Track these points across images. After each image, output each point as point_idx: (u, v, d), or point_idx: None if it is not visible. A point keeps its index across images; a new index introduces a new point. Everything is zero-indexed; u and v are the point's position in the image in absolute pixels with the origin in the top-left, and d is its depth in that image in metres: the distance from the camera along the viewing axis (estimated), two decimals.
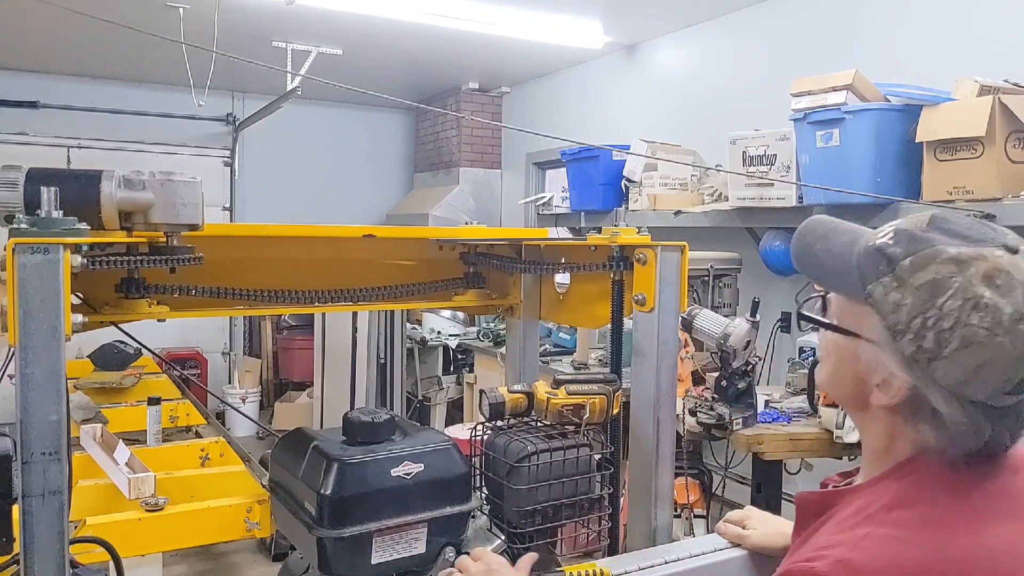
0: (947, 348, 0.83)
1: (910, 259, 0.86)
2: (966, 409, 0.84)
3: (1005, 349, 0.81)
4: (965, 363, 0.82)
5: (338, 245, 2.16)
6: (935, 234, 0.87)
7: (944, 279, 0.83)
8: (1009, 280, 0.82)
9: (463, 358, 5.78)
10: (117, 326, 1.78)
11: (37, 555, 1.19)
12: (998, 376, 0.82)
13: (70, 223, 1.25)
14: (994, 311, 0.81)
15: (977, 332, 0.81)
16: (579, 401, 1.72)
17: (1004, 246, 0.84)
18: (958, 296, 0.82)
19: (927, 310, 0.84)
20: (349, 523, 1.46)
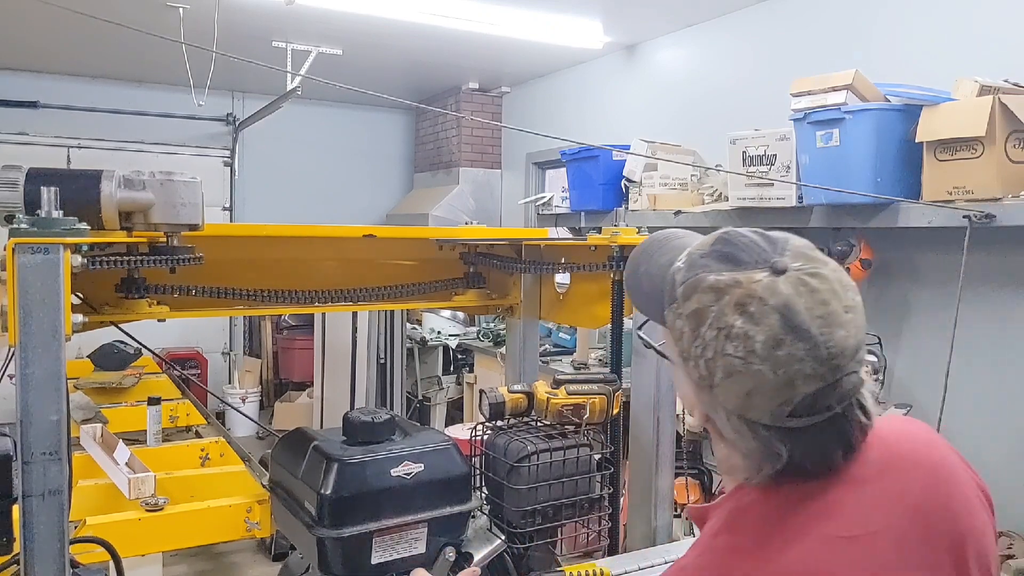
0: (716, 376, 0.82)
1: (682, 287, 0.86)
2: (756, 432, 0.83)
3: (766, 376, 0.79)
4: (734, 390, 0.81)
5: (338, 245, 2.17)
6: (708, 260, 0.85)
7: (704, 308, 0.83)
8: (762, 307, 0.80)
9: (463, 358, 5.78)
10: (117, 326, 1.79)
11: (37, 555, 1.19)
12: (769, 402, 0.80)
13: (70, 223, 1.25)
14: (745, 340, 0.79)
15: (733, 362, 0.80)
16: (579, 401, 1.72)
17: (771, 267, 0.82)
18: (713, 326, 0.81)
19: (695, 339, 0.83)
20: (349, 523, 1.46)
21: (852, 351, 0.81)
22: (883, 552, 0.82)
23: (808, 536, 0.82)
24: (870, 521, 0.83)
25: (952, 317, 2.84)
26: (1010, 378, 3.06)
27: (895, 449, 0.90)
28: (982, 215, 2.69)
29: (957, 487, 0.91)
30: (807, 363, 0.79)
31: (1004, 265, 3.06)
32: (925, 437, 0.96)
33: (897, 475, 0.87)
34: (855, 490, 0.85)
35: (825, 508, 0.84)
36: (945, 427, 2.85)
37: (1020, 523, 2.86)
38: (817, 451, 0.83)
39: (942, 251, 3.22)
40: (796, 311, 0.79)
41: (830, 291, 0.81)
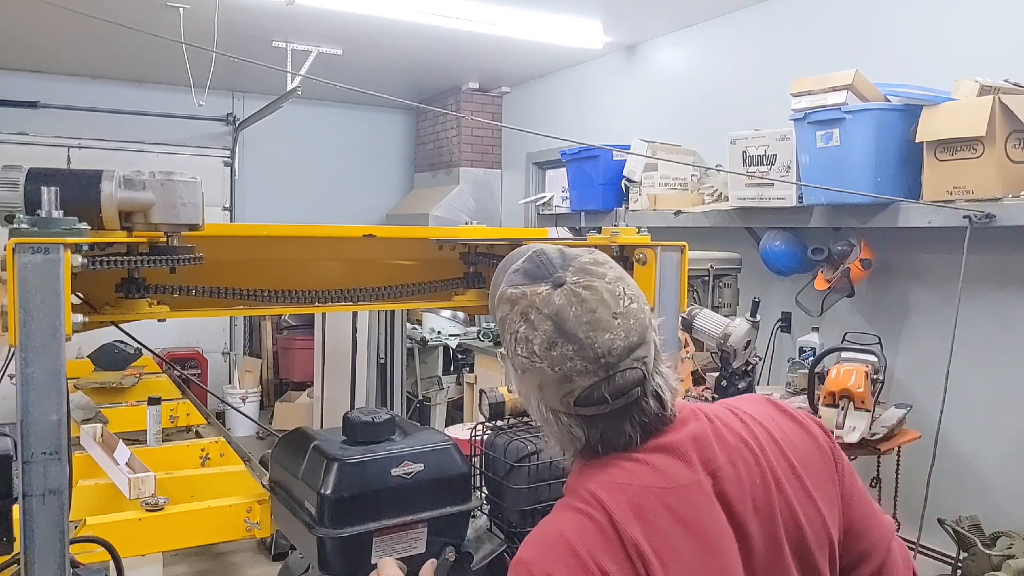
0: (518, 372, 0.99)
1: (496, 299, 1.04)
2: (559, 419, 0.98)
3: (546, 372, 0.95)
4: (530, 384, 0.98)
5: (338, 245, 2.16)
6: (515, 275, 1.01)
7: (504, 317, 1.00)
8: (539, 315, 0.96)
9: (463, 358, 5.78)
10: (117, 326, 1.78)
11: (37, 555, 1.19)
12: (555, 394, 0.96)
13: (70, 223, 1.25)
14: (527, 343, 0.96)
15: (523, 361, 0.97)
16: None
17: (551, 282, 0.97)
18: (508, 331, 0.99)
19: (502, 342, 1.02)
20: (349, 523, 1.46)
21: (623, 351, 0.95)
22: (693, 500, 0.95)
23: (629, 486, 0.95)
24: (678, 477, 0.96)
25: (952, 317, 2.84)
26: (1010, 378, 3.06)
27: (714, 423, 1.02)
28: (982, 215, 2.69)
29: (767, 459, 1.01)
30: (577, 361, 0.94)
31: (1004, 265, 3.06)
32: (751, 412, 1.07)
33: (706, 445, 0.99)
34: (664, 456, 0.97)
35: (637, 467, 0.97)
36: (945, 427, 2.85)
37: (1020, 523, 2.86)
38: (612, 434, 0.97)
39: (942, 251, 3.23)
40: (565, 318, 0.95)
41: (599, 300, 0.96)
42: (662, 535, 0.92)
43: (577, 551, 0.92)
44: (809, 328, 3.67)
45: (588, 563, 0.91)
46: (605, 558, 0.91)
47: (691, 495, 0.95)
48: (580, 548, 0.92)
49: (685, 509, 0.94)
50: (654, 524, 0.93)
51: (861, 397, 2.79)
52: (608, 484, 0.96)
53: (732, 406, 1.09)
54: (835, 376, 2.86)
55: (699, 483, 0.96)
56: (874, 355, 3.01)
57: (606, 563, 0.91)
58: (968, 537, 2.75)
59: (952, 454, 3.10)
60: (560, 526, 0.96)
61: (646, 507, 0.93)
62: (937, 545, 2.94)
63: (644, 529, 0.92)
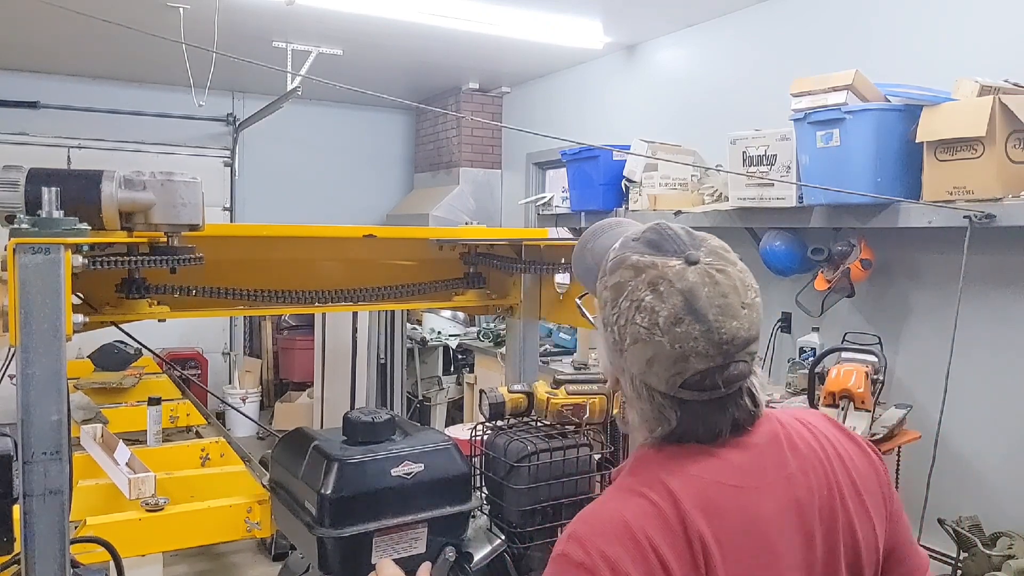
0: (625, 342, 0.95)
1: (610, 263, 1.00)
2: (652, 397, 0.96)
3: (664, 347, 0.92)
4: (638, 356, 0.94)
5: (338, 245, 2.17)
6: (637, 244, 0.99)
7: (624, 283, 0.96)
8: (669, 288, 0.93)
9: (463, 358, 5.78)
10: (117, 326, 1.79)
11: (38, 555, 1.20)
12: (665, 371, 0.93)
13: (71, 223, 1.25)
14: (651, 313, 0.93)
15: (640, 331, 0.93)
16: (579, 401, 1.72)
17: (685, 258, 0.95)
18: (628, 298, 0.95)
19: (613, 308, 0.97)
20: (349, 523, 1.46)
21: (743, 342, 0.94)
22: (770, 501, 0.95)
23: (700, 479, 0.94)
24: (754, 477, 0.96)
25: (952, 317, 2.84)
26: (1010, 378, 3.06)
27: (785, 429, 1.02)
28: (982, 215, 2.69)
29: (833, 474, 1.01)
30: (700, 343, 0.91)
31: (1004, 265, 3.06)
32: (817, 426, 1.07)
33: (780, 452, 0.99)
34: (741, 454, 0.97)
35: (713, 462, 0.96)
36: (945, 427, 2.85)
37: (1020, 523, 2.86)
38: (703, 423, 0.96)
39: (942, 251, 3.22)
40: (697, 297, 0.92)
41: (731, 287, 0.94)
42: (729, 533, 0.91)
43: (635, 534, 0.89)
44: (809, 328, 3.67)
45: (645, 548, 0.89)
46: (664, 546, 0.89)
47: (763, 497, 0.95)
48: (639, 532, 0.89)
49: (755, 510, 0.93)
50: (722, 521, 0.91)
51: (861, 397, 2.79)
52: (680, 473, 0.94)
53: (799, 417, 1.08)
54: (835, 376, 2.86)
55: (772, 486, 0.96)
56: (874, 355, 3.01)
57: (665, 551, 0.89)
58: (968, 537, 2.75)
59: (952, 454, 3.10)
60: (619, 507, 0.94)
61: (717, 502, 0.92)
62: (937, 545, 2.94)
63: (711, 524, 0.91)
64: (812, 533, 0.96)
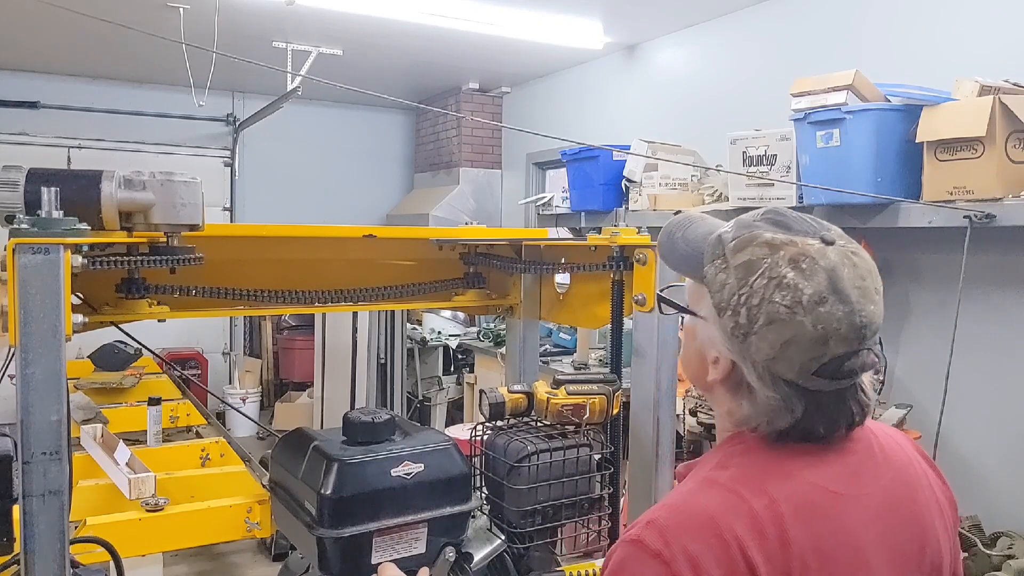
0: (756, 324, 0.88)
1: (734, 242, 0.93)
2: (777, 386, 0.90)
3: (805, 328, 0.86)
4: (771, 339, 0.88)
5: (338, 245, 2.17)
6: (761, 223, 0.93)
7: (757, 260, 0.89)
8: (813, 265, 0.87)
9: (463, 358, 5.78)
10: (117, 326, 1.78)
11: (38, 555, 1.20)
12: (802, 354, 0.87)
13: (70, 223, 1.25)
14: (794, 291, 0.87)
15: (779, 309, 0.87)
16: (579, 401, 1.72)
17: (821, 238, 0.90)
18: (765, 275, 0.88)
19: (741, 288, 0.90)
20: (349, 523, 1.46)
21: (876, 328, 0.90)
22: (866, 509, 0.91)
23: (803, 480, 0.90)
24: (852, 483, 0.92)
25: (952, 317, 2.84)
26: (1010, 378, 3.06)
27: (878, 439, 0.99)
28: (982, 215, 2.69)
29: (920, 489, 0.99)
30: (843, 325, 0.86)
31: (1004, 265, 3.06)
32: (901, 440, 1.05)
33: (876, 460, 0.96)
34: (844, 458, 0.93)
35: (818, 463, 0.92)
36: (945, 427, 2.85)
37: (1020, 523, 2.86)
38: (826, 417, 0.91)
39: (942, 251, 3.23)
40: (841, 277, 0.87)
41: (868, 271, 0.90)
42: (825, 541, 0.87)
43: (723, 533, 0.84)
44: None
45: (733, 549, 0.83)
46: (755, 550, 0.84)
47: (860, 505, 0.91)
48: (727, 531, 0.84)
49: (852, 519, 0.90)
50: (820, 528, 0.87)
51: None
52: (779, 473, 0.90)
53: (884, 430, 1.04)
54: None
55: (869, 495, 0.92)
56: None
57: (755, 555, 0.83)
58: (968, 537, 2.75)
59: (952, 454, 3.10)
60: (707, 501, 0.88)
61: (817, 508, 0.88)
62: None
63: (810, 531, 0.86)
64: (901, 547, 0.93)
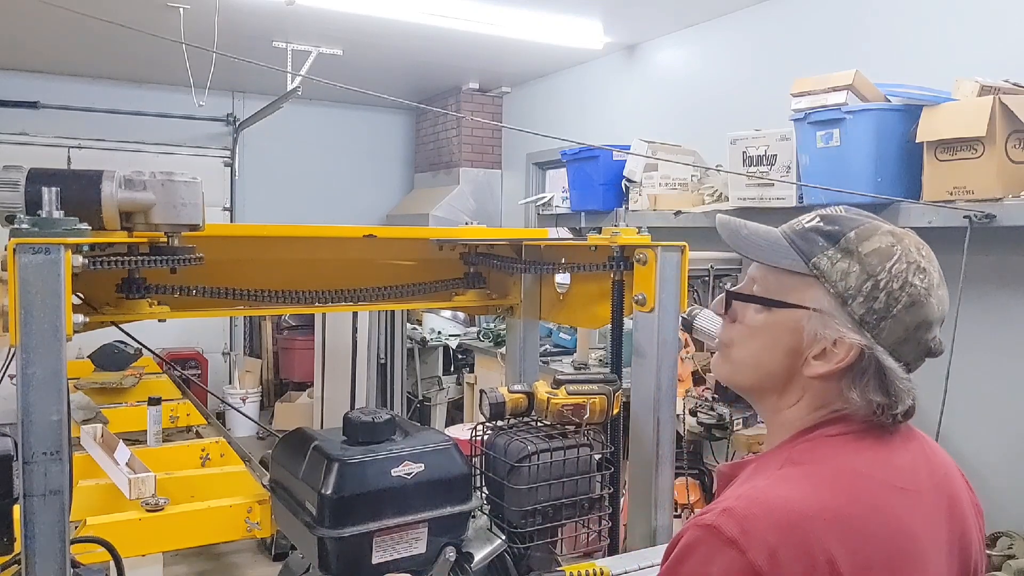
0: (896, 307, 0.92)
1: (855, 232, 0.96)
2: (896, 374, 0.93)
3: (934, 309, 0.94)
4: (907, 322, 0.93)
5: (338, 245, 2.17)
6: (851, 215, 1.00)
7: (888, 247, 0.94)
8: (929, 253, 0.97)
9: (463, 358, 5.78)
10: (118, 326, 1.79)
11: (38, 555, 1.20)
12: (928, 335, 0.94)
13: (71, 223, 1.25)
14: (928, 274, 0.94)
15: (920, 291, 0.93)
16: (579, 401, 1.72)
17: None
18: (902, 260, 0.94)
19: (878, 273, 0.93)
20: (350, 523, 1.46)
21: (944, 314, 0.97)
22: (927, 507, 0.94)
23: (873, 479, 0.91)
24: (916, 480, 0.95)
25: (952, 317, 2.84)
26: (1010, 378, 3.06)
27: (921, 435, 1.04)
28: (982, 215, 2.69)
29: (962, 489, 1.03)
30: (945, 305, 0.95)
31: (1004, 265, 3.06)
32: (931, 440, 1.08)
33: (929, 456, 1.00)
34: (902, 451, 0.96)
35: (887, 459, 0.94)
36: (945, 427, 2.85)
37: (1020, 523, 2.86)
38: (904, 401, 0.94)
39: (942, 251, 3.18)
40: (936, 266, 0.97)
41: (932, 261, 0.98)
42: (894, 538, 0.88)
43: (803, 527, 0.83)
44: None
45: (812, 545, 0.82)
46: (837, 548, 0.83)
47: (921, 502, 0.93)
48: (807, 526, 0.83)
49: (914, 517, 0.91)
50: (891, 524, 0.89)
51: None
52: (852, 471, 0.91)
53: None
54: None
55: (927, 492, 0.95)
56: None
57: (837, 553, 0.83)
58: None
59: (952, 454, 3.06)
60: (787, 494, 0.87)
61: (887, 504, 0.90)
62: None
63: (881, 527, 0.88)
64: (951, 544, 0.95)
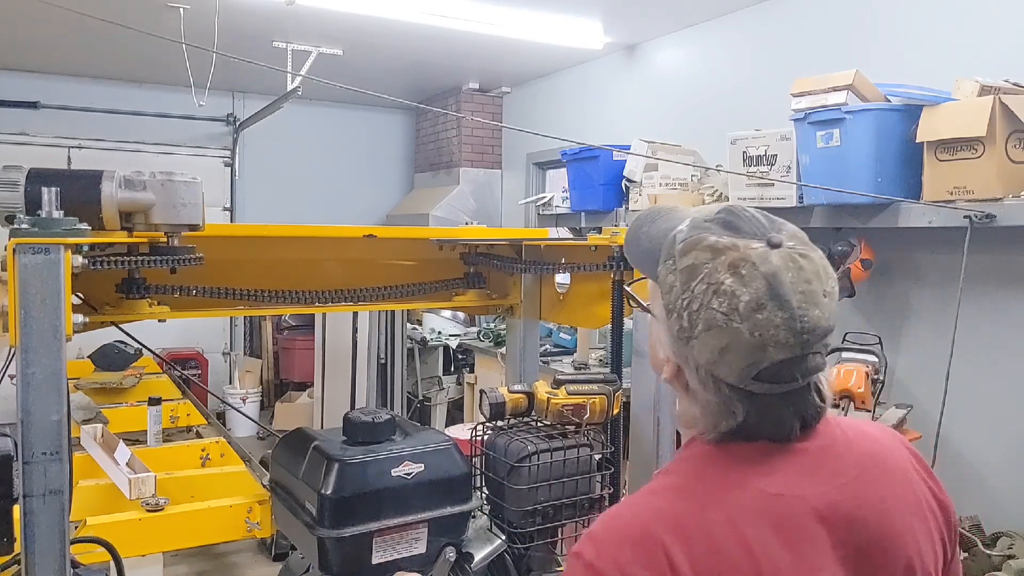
0: (696, 329, 0.88)
1: (682, 244, 0.92)
2: (719, 389, 0.89)
3: (742, 335, 0.85)
4: (711, 344, 0.87)
5: (339, 245, 2.17)
6: (711, 224, 0.92)
7: (699, 264, 0.89)
8: (753, 271, 0.86)
9: (463, 358, 5.78)
10: (118, 326, 1.79)
11: (38, 555, 1.20)
12: (740, 360, 0.86)
13: (71, 223, 1.25)
14: (731, 297, 0.86)
15: (716, 316, 0.86)
16: (579, 401, 1.72)
17: (767, 240, 0.89)
18: (704, 281, 0.88)
19: (684, 292, 0.89)
20: (350, 523, 1.47)
21: (823, 332, 0.88)
22: (799, 514, 0.88)
23: (740, 485, 0.89)
24: (800, 485, 0.89)
25: (952, 317, 2.84)
26: (1010, 378, 3.06)
27: (846, 436, 0.96)
28: (983, 215, 2.69)
29: (892, 486, 0.95)
30: (781, 331, 0.85)
31: (1004, 265, 3.06)
32: (881, 437, 1.01)
33: (836, 458, 0.93)
34: (794, 458, 0.91)
35: (762, 466, 0.90)
36: (945, 427, 2.85)
37: (1020, 523, 2.86)
38: (772, 419, 0.90)
39: (942, 251, 3.23)
40: (782, 282, 0.86)
41: (815, 273, 0.88)
42: (755, 545, 0.86)
43: (649, 540, 0.85)
44: None
45: (658, 555, 0.84)
46: (680, 556, 0.84)
47: (800, 509, 0.89)
48: (653, 538, 0.85)
49: (789, 523, 0.88)
50: (756, 531, 0.86)
51: (861, 397, 2.79)
52: (717, 479, 0.90)
53: (864, 429, 1.01)
54: (835, 376, 2.86)
55: (812, 497, 0.90)
56: (874, 355, 3.01)
57: (679, 561, 0.84)
58: (968, 537, 2.75)
59: (952, 454, 3.10)
60: (640, 509, 0.90)
61: (750, 512, 0.87)
62: None
63: (737, 536, 0.85)
64: (858, 547, 0.90)
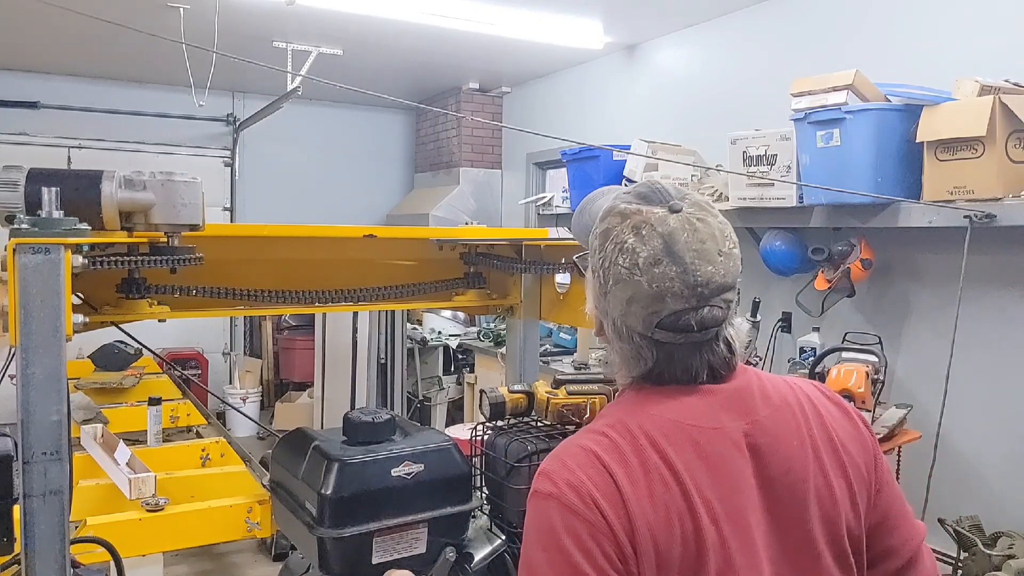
0: (608, 284, 1.01)
1: (601, 212, 1.07)
2: (631, 338, 1.02)
3: (643, 287, 0.98)
4: (619, 296, 1.00)
5: (338, 245, 2.17)
6: (627, 196, 1.06)
7: (611, 228, 1.03)
8: (651, 231, 0.99)
9: (463, 358, 5.78)
10: (118, 326, 1.79)
11: (38, 555, 1.20)
12: (642, 310, 0.99)
13: (71, 223, 1.25)
14: (632, 254, 0.99)
15: (621, 271, 1.00)
16: (579, 401, 1.72)
17: (669, 207, 1.02)
18: (613, 241, 1.02)
19: (600, 252, 1.03)
20: (350, 523, 1.46)
21: (718, 288, 0.99)
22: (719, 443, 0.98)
23: (660, 416, 1.00)
24: (716, 419, 1.00)
25: (952, 317, 2.84)
26: (1010, 378, 3.06)
27: (762, 384, 1.07)
28: (982, 215, 2.69)
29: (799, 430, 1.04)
30: (676, 283, 0.98)
31: (1004, 265, 3.06)
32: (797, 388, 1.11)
33: (748, 402, 1.03)
34: (707, 398, 1.02)
35: (677, 403, 1.01)
36: (945, 427, 2.85)
37: (1020, 523, 2.86)
38: (680, 365, 1.02)
39: (942, 251, 3.22)
40: (676, 240, 0.99)
41: (709, 235, 1.01)
42: (690, 462, 0.96)
43: (591, 458, 0.96)
44: (809, 328, 3.66)
45: (600, 467, 0.95)
46: (619, 473, 0.95)
47: (718, 438, 0.99)
48: (594, 457, 0.97)
49: (709, 448, 0.98)
50: (680, 451, 0.97)
51: (861, 397, 2.79)
52: (639, 413, 1.00)
53: (788, 379, 1.13)
54: (835, 376, 2.86)
55: (730, 430, 1.00)
56: (874, 355, 3.01)
57: (619, 477, 0.94)
58: (969, 537, 2.75)
59: (952, 454, 3.10)
60: (580, 441, 1.01)
61: (674, 437, 0.98)
62: (938, 545, 2.94)
63: (673, 451, 0.96)
64: (772, 478, 1.00)
